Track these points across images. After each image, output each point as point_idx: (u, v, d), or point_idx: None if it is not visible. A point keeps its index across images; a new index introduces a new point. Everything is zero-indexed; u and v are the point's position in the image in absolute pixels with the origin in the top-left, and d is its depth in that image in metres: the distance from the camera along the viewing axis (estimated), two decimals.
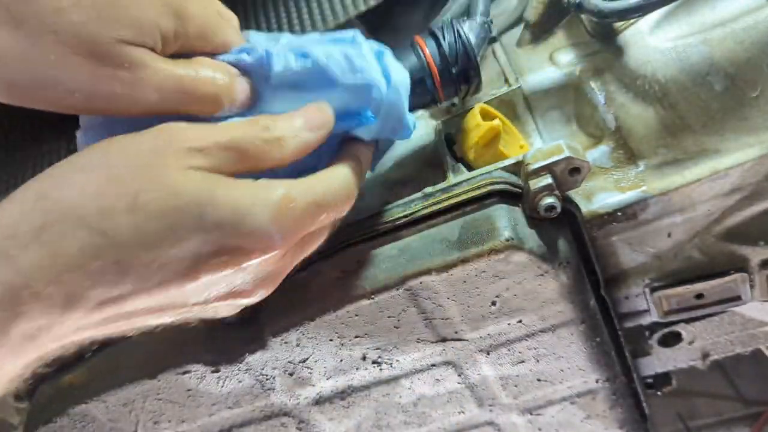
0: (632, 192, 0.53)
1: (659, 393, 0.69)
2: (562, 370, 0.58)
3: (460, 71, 0.52)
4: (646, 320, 0.61)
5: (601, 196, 0.54)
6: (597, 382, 0.58)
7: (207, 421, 0.60)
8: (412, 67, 0.52)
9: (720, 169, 0.50)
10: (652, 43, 0.54)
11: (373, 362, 0.56)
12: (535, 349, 0.56)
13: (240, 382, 0.57)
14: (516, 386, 0.59)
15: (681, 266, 0.56)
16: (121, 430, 0.59)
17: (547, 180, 0.49)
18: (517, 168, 0.52)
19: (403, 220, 0.53)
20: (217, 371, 0.56)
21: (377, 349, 0.55)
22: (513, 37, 0.66)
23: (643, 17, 0.54)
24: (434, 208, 0.52)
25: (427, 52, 0.52)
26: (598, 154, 0.56)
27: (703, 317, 0.60)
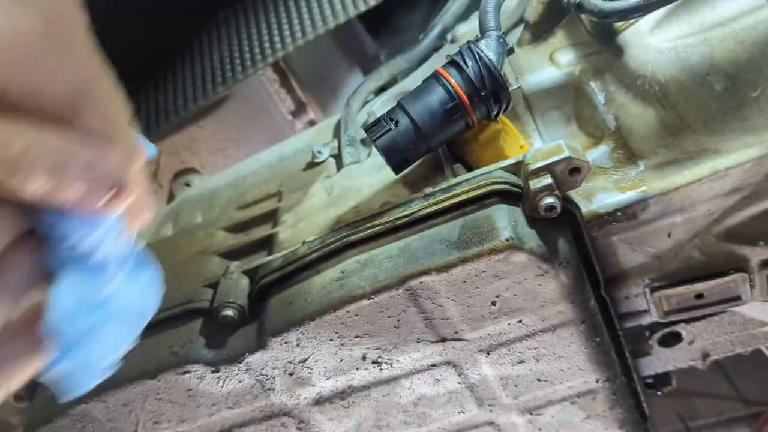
0: (632, 192, 0.53)
1: (659, 393, 0.69)
2: (562, 370, 0.58)
3: (488, 92, 0.52)
4: (646, 320, 0.61)
5: (601, 196, 0.54)
6: (597, 382, 0.58)
7: (207, 421, 0.60)
8: (441, 99, 0.52)
9: (720, 169, 0.50)
10: (652, 43, 0.54)
11: (373, 362, 0.56)
12: (535, 349, 0.56)
13: (240, 382, 0.57)
14: (516, 386, 0.59)
15: (681, 266, 0.56)
16: (121, 430, 0.59)
17: (547, 180, 0.49)
18: (517, 168, 0.52)
19: (403, 220, 0.53)
20: (217, 371, 0.56)
21: (377, 349, 0.55)
22: (513, 37, 0.66)
23: (643, 17, 0.54)
24: (434, 208, 0.52)
25: (453, 81, 0.52)
26: (598, 154, 0.56)
27: (703, 317, 0.60)
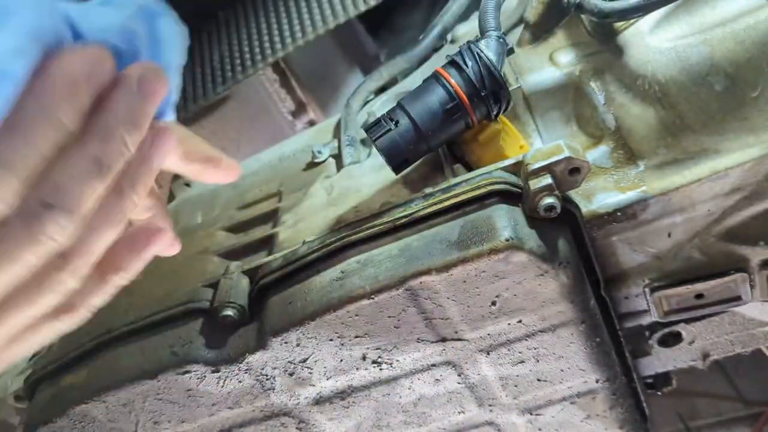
0: (632, 192, 0.53)
1: (659, 393, 0.69)
2: (562, 370, 0.58)
3: (488, 92, 0.52)
4: (646, 320, 0.61)
5: (601, 196, 0.54)
6: (597, 382, 0.58)
7: (207, 421, 0.60)
8: (441, 99, 0.52)
9: (720, 169, 0.50)
10: (652, 43, 0.54)
11: (373, 362, 0.56)
12: (535, 349, 0.56)
13: (240, 382, 0.57)
14: (516, 386, 0.59)
15: (681, 266, 0.56)
16: (121, 430, 0.59)
17: (547, 180, 0.49)
18: (517, 168, 0.52)
19: (403, 220, 0.53)
20: (217, 371, 0.56)
21: (377, 349, 0.55)
22: (513, 37, 0.66)
23: (643, 17, 0.54)
24: (434, 208, 0.52)
25: (453, 81, 0.52)
26: (598, 154, 0.56)
27: (703, 317, 0.60)
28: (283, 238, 0.62)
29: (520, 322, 0.54)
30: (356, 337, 0.54)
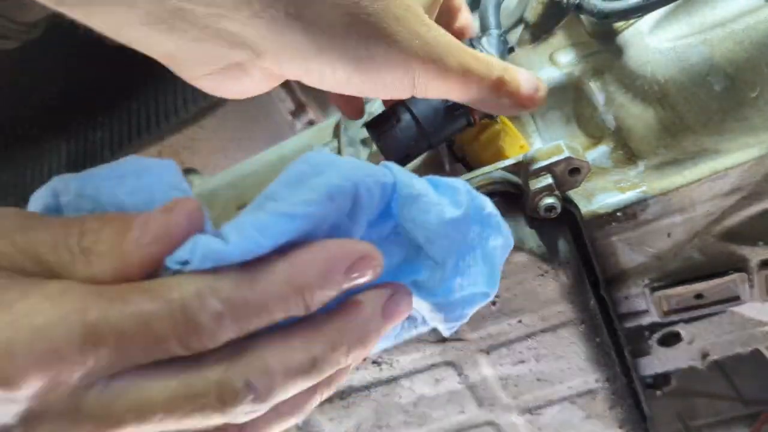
0: (632, 192, 0.53)
1: (659, 393, 0.69)
2: (562, 370, 0.58)
3: None
4: (646, 320, 0.61)
5: (601, 197, 0.54)
6: (597, 382, 0.58)
7: None
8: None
9: (720, 169, 0.50)
10: (652, 43, 0.54)
11: (373, 362, 0.56)
12: (535, 349, 0.56)
13: None
14: (516, 386, 0.59)
15: (681, 266, 0.56)
16: None
17: (547, 180, 0.49)
18: (517, 168, 0.52)
19: None
20: None
21: (377, 349, 0.55)
22: (513, 37, 0.66)
23: (643, 17, 0.54)
24: None
25: None
26: (598, 154, 0.56)
27: (702, 317, 0.60)
28: None
29: (520, 322, 0.54)
30: None
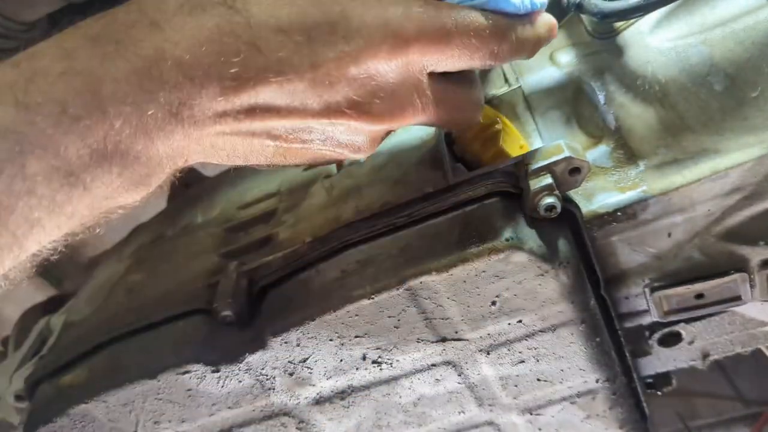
0: (632, 192, 0.53)
1: (659, 393, 0.69)
2: (562, 370, 0.58)
3: None
4: (646, 320, 0.61)
5: (601, 196, 0.54)
6: (597, 382, 0.58)
7: (207, 421, 0.60)
8: None
9: (720, 169, 0.50)
10: (652, 43, 0.54)
11: (373, 362, 0.56)
12: (535, 349, 0.56)
13: (240, 382, 0.57)
14: (516, 386, 0.59)
15: (681, 266, 0.56)
16: (121, 430, 0.59)
17: (547, 180, 0.49)
18: (517, 168, 0.52)
19: (403, 220, 0.53)
20: (217, 371, 0.56)
21: (377, 349, 0.55)
22: None
23: (644, 17, 0.54)
24: (434, 208, 0.52)
25: None
26: (598, 154, 0.56)
27: (703, 317, 0.60)
28: (283, 238, 0.62)
29: (520, 322, 0.54)
30: (356, 337, 0.54)
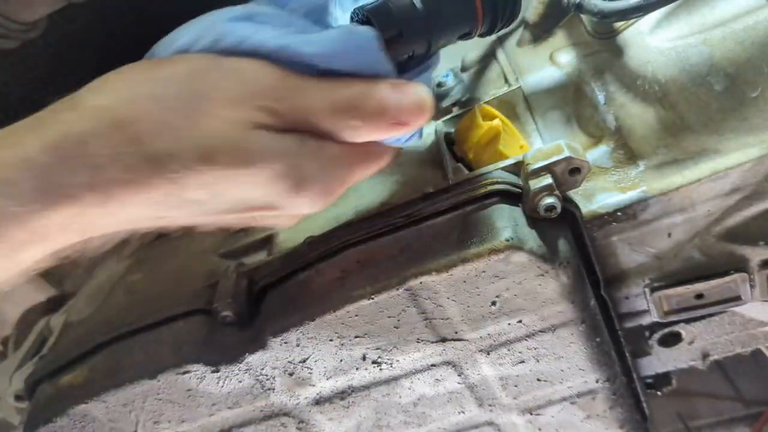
0: (632, 192, 0.53)
1: (659, 393, 0.69)
2: (562, 370, 0.58)
3: (502, 4, 0.47)
4: (646, 320, 0.61)
5: (601, 196, 0.54)
6: (597, 382, 0.58)
7: (207, 421, 0.60)
8: None
9: (720, 169, 0.50)
10: (652, 43, 0.54)
11: (373, 362, 0.56)
12: (535, 349, 0.56)
13: (240, 382, 0.57)
14: (516, 386, 0.59)
15: (681, 266, 0.56)
16: (121, 430, 0.59)
17: (547, 180, 0.49)
18: (517, 168, 0.52)
19: (403, 220, 0.53)
20: (217, 371, 0.56)
21: (377, 349, 0.55)
22: (513, 37, 0.66)
23: (644, 17, 0.54)
24: (434, 208, 0.52)
25: None
26: (598, 154, 0.56)
27: (703, 317, 0.60)
28: (283, 238, 0.62)
29: (521, 322, 0.54)
30: (356, 337, 0.54)
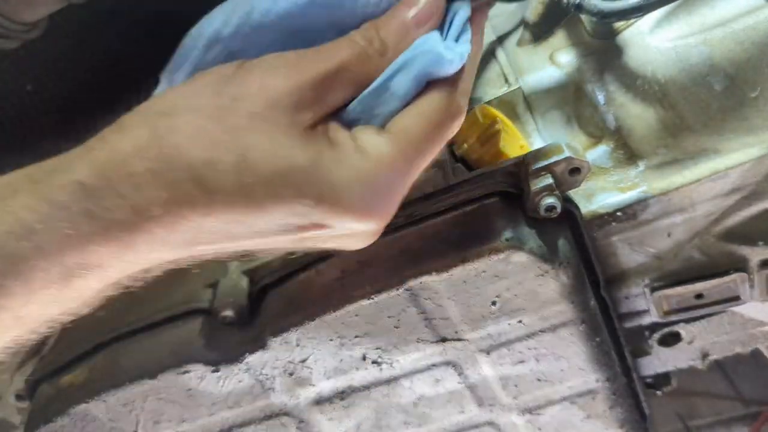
0: (632, 192, 0.53)
1: (659, 393, 0.69)
2: (562, 370, 0.58)
3: None
4: (646, 320, 0.61)
5: (601, 196, 0.54)
6: (597, 382, 0.58)
7: (207, 421, 0.60)
8: None
9: (720, 169, 0.50)
10: (652, 43, 0.54)
11: (373, 362, 0.56)
12: (535, 349, 0.56)
13: (240, 382, 0.57)
14: (516, 386, 0.59)
15: (681, 266, 0.56)
16: (122, 430, 0.59)
17: (548, 180, 0.49)
18: (517, 168, 0.52)
19: (403, 220, 0.53)
20: (217, 371, 0.56)
21: (377, 349, 0.55)
22: (513, 37, 0.66)
23: (643, 17, 0.54)
24: (434, 208, 0.52)
25: None
26: (598, 154, 0.56)
27: (702, 317, 0.60)
28: None
29: (521, 322, 0.54)
30: (356, 337, 0.54)
